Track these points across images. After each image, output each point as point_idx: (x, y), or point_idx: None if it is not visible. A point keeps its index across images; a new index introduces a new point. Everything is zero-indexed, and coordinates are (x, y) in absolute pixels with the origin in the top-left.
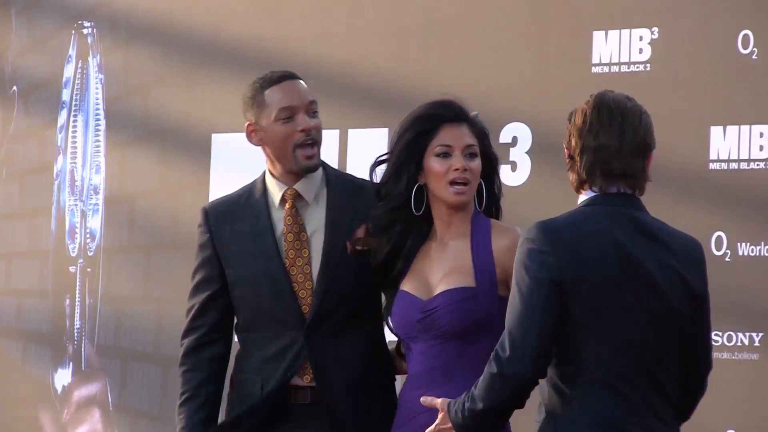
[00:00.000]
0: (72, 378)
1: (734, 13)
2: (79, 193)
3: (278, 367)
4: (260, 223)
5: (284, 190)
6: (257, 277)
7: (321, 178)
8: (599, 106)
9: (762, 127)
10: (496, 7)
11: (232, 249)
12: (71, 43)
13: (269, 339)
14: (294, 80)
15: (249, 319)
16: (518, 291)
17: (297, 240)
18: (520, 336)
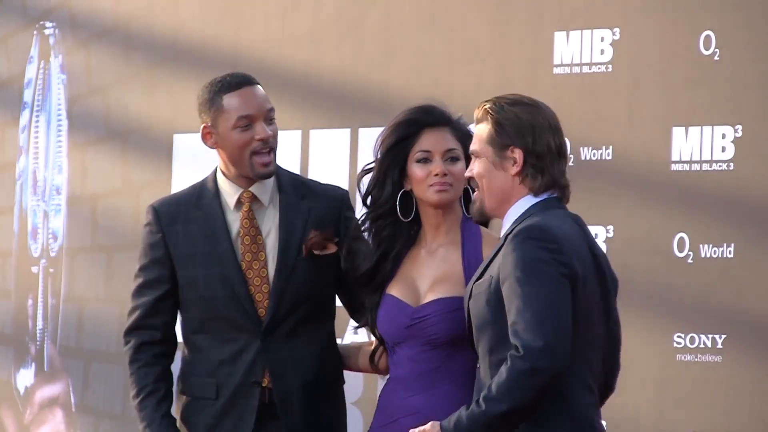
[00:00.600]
0: (34, 378)
1: (696, 13)
2: (42, 194)
3: (234, 370)
4: (215, 225)
5: (240, 192)
6: (212, 280)
7: (273, 180)
8: (551, 112)
9: (724, 128)
10: (457, 8)
11: (186, 250)
12: (33, 44)
13: (221, 342)
14: (252, 86)
15: (199, 320)
16: (533, 286)
17: (254, 243)
18: (551, 329)
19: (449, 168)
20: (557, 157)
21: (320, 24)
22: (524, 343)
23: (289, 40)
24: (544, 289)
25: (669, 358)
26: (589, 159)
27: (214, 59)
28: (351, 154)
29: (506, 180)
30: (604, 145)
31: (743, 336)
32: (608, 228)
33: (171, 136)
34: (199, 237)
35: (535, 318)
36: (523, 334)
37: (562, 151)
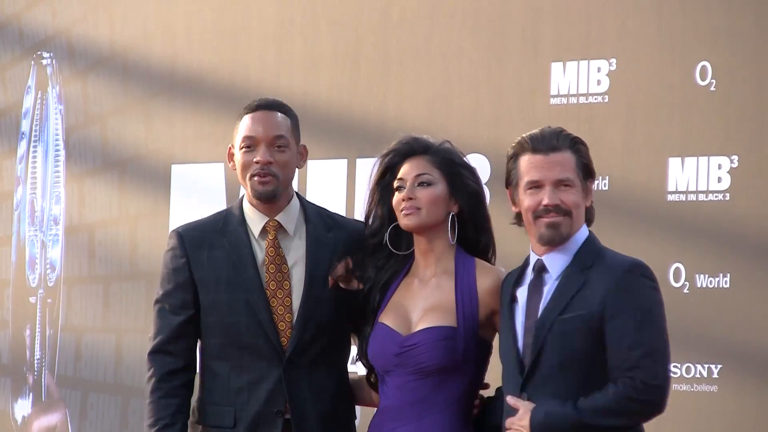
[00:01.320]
0: (32, 408)
1: (692, 44)
2: (39, 224)
3: (253, 399)
4: (241, 252)
5: (265, 221)
6: (236, 306)
7: (299, 211)
8: None
9: (720, 159)
10: (453, 38)
11: (210, 275)
12: (30, 74)
13: (241, 369)
14: (268, 111)
15: (220, 346)
16: (659, 327)
17: (279, 272)
18: (668, 373)
19: (415, 192)
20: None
21: (317, 54)
22: (648, 377)
23: (286, 69)
24: (664, 333)
25: None
26: None
27: (211, 89)
28: (348, 185)
29: (583, 210)
30: (600, 176)
31: (739, 366)
32: None
33: (169, 167)
34: (224, 263)
35: (662, 357)
36: (649, 367)
37: None
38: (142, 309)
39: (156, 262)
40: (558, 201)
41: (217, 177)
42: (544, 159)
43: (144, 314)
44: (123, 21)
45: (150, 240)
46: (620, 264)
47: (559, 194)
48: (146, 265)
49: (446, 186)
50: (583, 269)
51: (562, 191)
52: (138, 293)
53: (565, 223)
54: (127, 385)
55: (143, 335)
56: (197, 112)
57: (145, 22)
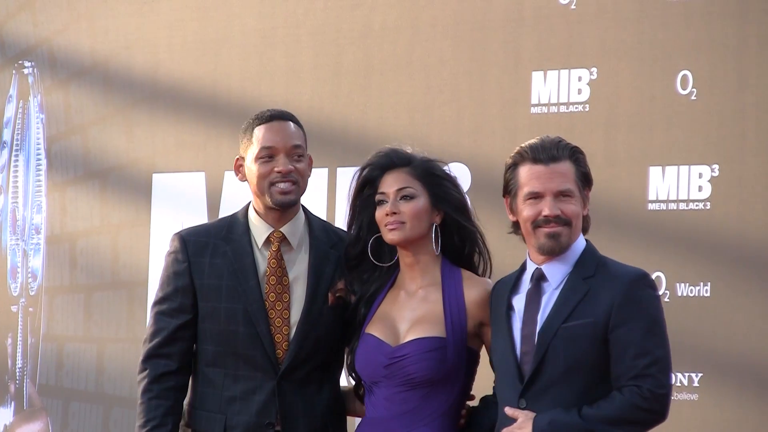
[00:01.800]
0: (14, 417)
1: (673, 53)
2: (21, 233)
3: (244, 409)
4: (243, 261)
5: (270, 231)
6: (235, 315)
7: (304, 224)
8: None
9: (701, 168)
10: (434, 48)
11: (211, 282)
12: (12, 83)
13: (235, 378)
14: (283, 121)
15: (215, 353)
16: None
17: (279, 284)
18: (670, 377)
19: (399, 206)
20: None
21: (298, 64)
22: (654, 385)
23: (267, 79)
24: (668, 343)
25: None
26: None
27: (193, 99)
28: (329, 194)
29: (581, 219)
30: None
31: (720, 374)
32: None
33: (150, 176)
34: (226, 271)
35: (666, 367)
36: (655, 376)
37: None
38: (124, 318)
39: (137, 271)
40: (558, 211)
41: (198, 186)
42: (544, 169)
43: (126, 323)
44: (104, 31)
45: (131, 249)
46: (626, 274)
47: (560, 205)
48: (128, 275)
49: (428, 198)
50: (586, 278)
51: (562, 201)
52: (120, 302)
53: (565, 233)
54: (108, 395)
55: (125, 344)
56: (179, 122)
57: (126, 31)
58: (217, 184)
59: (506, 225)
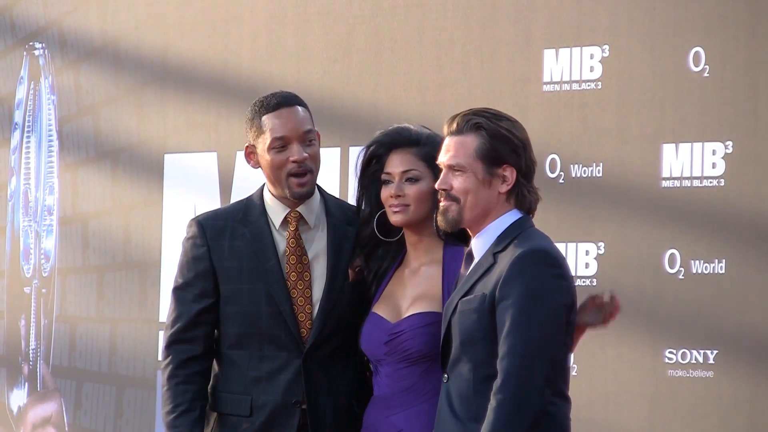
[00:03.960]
0: (27, 398)
1: (685, 30)
2: (33, 214)
3: (270, 389)
4: (262, 242)
5: (287, 212)
6: (257, 295)
7: (320, 203)
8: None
9: (714, 145)
10: (445, 26)
11: (231, 264)
12: (23, 64)
13: (260, 359)
14: (291, 107)
15: (238, 335)
16: (534, 319)
17: (299, 263)
18: (540, 371)
19: (404, 189)
20: (533, 176)
21: (308, 43)
22: (511, 382)
23: (278, 59)
24: (542, 326)
25: (661, 373)
26: (580, 176)
27: (203, 78)
28: (341, 173)
29: (492, 197)
30: (594, 162)
31: (735, 351)
32: (599, 245)
33: (162, 156)
34: (246, 253)
35: (527, 357)
36: (513, 372)
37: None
38: (136, 299)
39: (149, 252)
40: (447, 186)
41: (210, 166)
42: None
43: (138, 304)
44: (114, 11)
45: (143, 230)
46: (521, 249)
47: (450, 180)
48: (140, 255)
49: (433, 180)
50: (496, 252)
51: (455, 176)
52: (132, 283)
53: (452, 208)
54: (121, 375)
55: (137, 325)
56: (189, 102)
57: (136, 12)
58: (230, 164)
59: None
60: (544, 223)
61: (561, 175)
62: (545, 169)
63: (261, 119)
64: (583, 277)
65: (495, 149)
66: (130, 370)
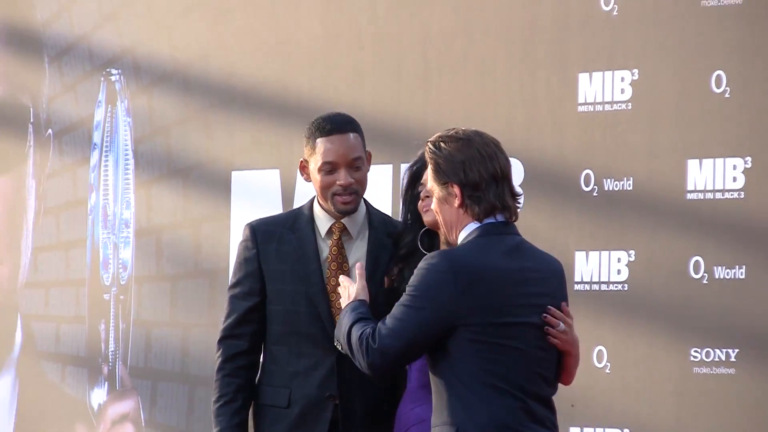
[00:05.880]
0: (107, 396)
1: (708, 55)
2: (112, 227)
3: (307, 383)
4: (307, 248)
5: (332, 222)
6: (299, 297)
7: (364, 216)
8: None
9: (735, 160)
10: (488, 51)
11: (277, 267)
12: (100, 89)
13: (299, 355)
14: (343, 135)
15: (281, 333)
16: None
17: (340, 269)
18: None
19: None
20: (493, 182)
21: (363, 68)
22: (378, 339)
23: (333, 82)
24: (415, 312)
25: (686, 371)
26: (612, 189)
27: (266, 101)
28: (394, 188)
29: (452, 212)
30: (625, 177)
31: (755, 350)
32: (630, 252)
33: (229, 173)
34: (291, 257)
35: (395, 330)
36: (384, 333)
37: (499, 175)
38: (206, 304)
39: (218, 261)
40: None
41: (273, 182)
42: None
43: (208, 309)
44: (183, 39)
45: (212, 241)
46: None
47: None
48: (209, 264)
49: None
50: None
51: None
52: (202, 290)
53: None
54: (193, 375)
55: (207, 329)
56: (254, 122)
57: (203, 40)
58: (291, 180)
59: (558, 214)
60: (580, 233)
61: (595, 188)
62: (580, 183)
63: (315, 140)
64: (615, 283)
65: (438, 171)
66: (200, 371)
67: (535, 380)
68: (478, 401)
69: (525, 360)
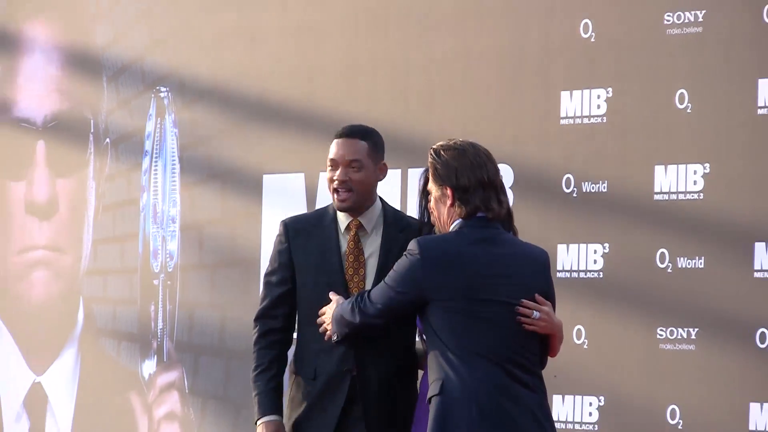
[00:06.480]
0: (156, 368)
1: (672, 76)
2: (160, 223)
3: (329, 359)
4: (329, 243)
5: (350, 220)
6: (321, 285)
7: (380, 213)
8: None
9: (695, 166)
10: (484, 72)
11: (304, 260)
12: (151, 104)
13: (322, 334)
14: (349, 139)
15: (308, 316)
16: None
17: (356, 261)
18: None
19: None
20: (480, 188)
21: (376, 86)
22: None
23: (351, 99)
24: (388, 288)
25: (653, 347)
26: (589, 191)
27: (293, 114)
28: (401, 189)
29: (445, 210)
30: (600, 180)
31: (712, 329)
32: (605, 245)
33: (261, 176)
34: (316, 251)
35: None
36: (367, 298)
37: (485, 181)
38: (240, 289)
39: (251, 252)
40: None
41: (298, 184)
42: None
43: (242, 293)
44: (221, 62)
45: (246, 235)
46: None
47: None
48: (243, 255)
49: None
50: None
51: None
52: (237, 277)
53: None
54: (229, 349)
55: (242, 309)
56: (282, 133)
57: (238, 62)
58: (314, 182)
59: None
60: (562, 229)
61: (575, 190)
62: (562, 186)
63: (331, 142)
64: (591, 271)
65: (436, 175)
66: (235, 345)
67: (514, 348)
68: (458, 361)
69: (500, 331)
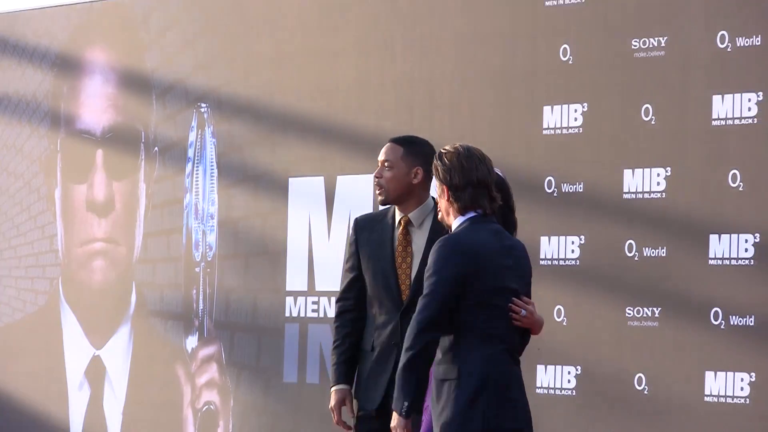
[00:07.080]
0: (197, 343)
1: (639, 93)
2: (201, 219)
3: (383, 333)
4: (386, 236)
5: (401, 216)
6: (377, 272)
7: (430, 211)
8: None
9: (658, 170)
10: (478, 89)
11: (367, 251)
12: (193, 118)
13: (378, 314)
14: (388, 143)
15: (370, 297)
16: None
17: (404, 251)
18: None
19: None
20: (470, 187)
21: (385, 103)
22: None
23: (363, 114)
24: (437, 286)
25: (623, 324)
26: (568, 191)
27: (314, 125)
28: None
29: (445, 204)
30: (577, 182)
31: (674, 309)
32: (581, 237)
33: (287, 179)
34: (375, 243)
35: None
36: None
37: (475, 182)
38: (269, 276)
39: (279, 244)
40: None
41: (319, 186)
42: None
43: (271, 279)
44: (253, 81)
45: (274, 229)
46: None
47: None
48: (272, 247)
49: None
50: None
51: None
52: (267, 265)
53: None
54: (260, 326)
55: (271, 293)
56: (305, 141)
57: (268, 82)
58: (332, 184)
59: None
60: (545, 223)
61: (555, 190)
62: (545, 187)
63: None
64: (570, 259)
65: (437, 175)
66: (266, 324)
67: (513, 329)
68: (478, 344)
69: (506, 316)
